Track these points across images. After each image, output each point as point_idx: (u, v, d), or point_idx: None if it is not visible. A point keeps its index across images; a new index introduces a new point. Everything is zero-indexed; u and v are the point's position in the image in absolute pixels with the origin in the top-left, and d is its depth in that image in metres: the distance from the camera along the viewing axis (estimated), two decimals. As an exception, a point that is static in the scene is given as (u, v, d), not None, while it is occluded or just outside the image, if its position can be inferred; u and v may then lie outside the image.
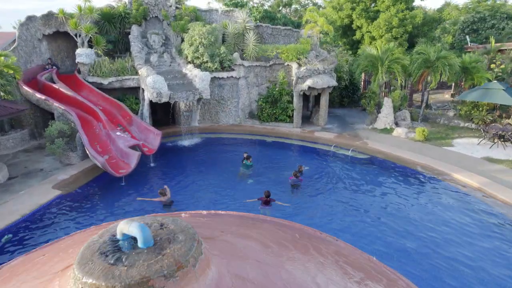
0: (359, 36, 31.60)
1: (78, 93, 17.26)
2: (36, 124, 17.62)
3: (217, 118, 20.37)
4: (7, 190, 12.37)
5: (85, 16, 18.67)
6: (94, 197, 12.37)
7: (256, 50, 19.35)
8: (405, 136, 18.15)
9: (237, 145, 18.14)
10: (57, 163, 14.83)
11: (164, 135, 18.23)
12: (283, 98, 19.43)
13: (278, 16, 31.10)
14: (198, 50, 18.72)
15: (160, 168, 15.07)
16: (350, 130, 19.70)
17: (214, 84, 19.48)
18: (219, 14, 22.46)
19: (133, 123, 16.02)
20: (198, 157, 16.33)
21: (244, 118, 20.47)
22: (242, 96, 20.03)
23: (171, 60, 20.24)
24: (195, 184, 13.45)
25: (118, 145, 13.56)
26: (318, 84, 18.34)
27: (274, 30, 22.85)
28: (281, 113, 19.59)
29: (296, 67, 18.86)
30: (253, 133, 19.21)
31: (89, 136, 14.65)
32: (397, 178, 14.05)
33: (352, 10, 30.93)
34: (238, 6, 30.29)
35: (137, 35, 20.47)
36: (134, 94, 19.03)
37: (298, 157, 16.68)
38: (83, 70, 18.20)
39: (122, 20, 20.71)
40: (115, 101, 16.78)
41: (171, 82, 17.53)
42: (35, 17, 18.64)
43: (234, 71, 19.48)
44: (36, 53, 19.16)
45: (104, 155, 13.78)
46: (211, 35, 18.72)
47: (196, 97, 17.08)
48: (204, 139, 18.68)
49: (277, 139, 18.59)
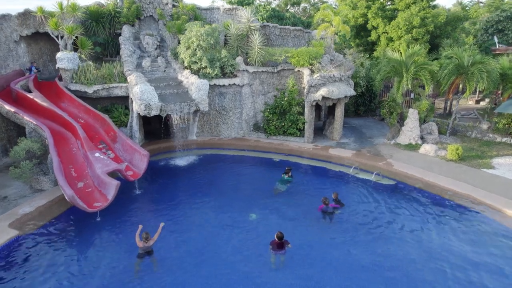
0: (375, 37, 28.99)
1: (58, 104, 14.97)
2: (9, 139, 15.35)
3: (218, 130, 17.96)
4: (-44, 227, 10.11)
5: (68, 15, 16.38)
6: (59, 240, 10.00)
7: (262, 54, 16.90)
8: (434, 154, 15.56)
9: (240, 165, 15.70)
10: (26, 189, 12.54)
11: (155, 151, 15.96)
12: (293, 109, 16.96)
13: (287, 16, 28.63)
14: (196, 54, 16.33)
15: (147, 197, 12.64)
16: (369, 145, 17.16)
17: (214, 93, 17.09)
18: (221, 12, 20.07)
19: (117, 140, 13.68)
20: (194, 181, 13.89)
21: (248, 130, 18.04)
22: (246, 106, 17.60)
23: (166, 65, 17.88)
24: (187, 220, 11.07)
25: (95, 170, 11.21)
26: (334, 94, 15.83)
27: (282, 31, 20.42)
28: (290, 126, 17.11)
29: (308, 73, 16.37)
30: (258, 149, 16.75)
31: (64, 157, 12.36)
32: (433, 213, 11.53)
33: (367, 8, 28.34)
34: (243, 4, 27.90)
35: (128, 37, 18.16)
36: (124, 103, 16.72)
37: (311, 182, 14.17)
38: (65, 77, 15.92)
39: (112, 19, 18.41)
40: (98, 114, 14.45)
41: (163, 92, 15.16)
42: (10, 15, 16.40)
43: (237, 78, 17.06)
44: (13, 57, 16.93)
45: (79, 182, 11.47)
46: (211, 37, 16.33)
47: (192, 109, 14.69)
48: (202, 157, 16.26)
49: (285, 157, 16.09)
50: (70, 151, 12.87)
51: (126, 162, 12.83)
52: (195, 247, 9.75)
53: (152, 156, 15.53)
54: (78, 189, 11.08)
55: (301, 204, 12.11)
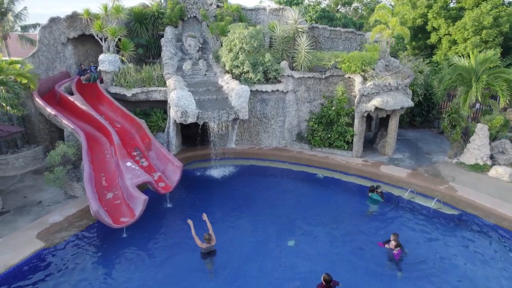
0: (435, 40, 26.31)
1: (97, 107, 14.75)
2: (51, 141, 15.41)
3: (258, 139, 16.85)
4: (-14, 234, 9.96)
5: (112, 17, 16.14)
6: (85, 254, 9.44)
7: (309, 58, 15.52)
8: (509, 178, 13.26)
9: (280, 179, 14.49)
10: (60, 194, 12.30)
11: (191, 159, 15.19)
12: (341, 119, 15.38)
13: (338, 16, 26.88)
14: (238, 58, 15.35)
15: (177, 212, 11.79)
16: (426, 163, 15.13)
17: (256, 99, 16.01)
18: (267, 13, 18.93)
19: (152, 148, 13.07)
20: (230, 196, 12.88)
21: (291, 140, 16.74)
22: (289, 114, 16.33)
23: (207, 68, 17.10)
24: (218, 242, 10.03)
25: (125, 181, 10.58)
26: (389, 105, 14.05)
27: (332, 33, 18.84)
28: (337, 138, 15.55)
29: (360, 81, 14.71)
30: (300, 162, 15.38)
31: (96, 164, 11.93)
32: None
33: (428, 8, 25.74)
34: (292, 4, 26.60)
35: (170, 38, 17.63)
36: (163, 107, 16.18)
37: (360, 205, 12.56)
38: (105, 79, 15.72)
39: (155, 21, 18.00)
40: (134, 119, 13.96)
41: (202, 97, 14.34)
42: (59, 18, 16.50)
43: (280, 84, 15.84)
44: (60, 59, 17.06)
45: (108, 192, 10.92)
46: (254, 39, 15.25)
47: (231, 117, 13.71)
48: (240, 168, 15.22)
49: (331, 173, 14.59)
50: (104, 157, 12.44)
51: (159, 172, 12.15)
52: (222, 277, 8.72)
53: (187, 164, 14.85)
54: (107, 201, 10.52)
55: (350, 233, 10.62)
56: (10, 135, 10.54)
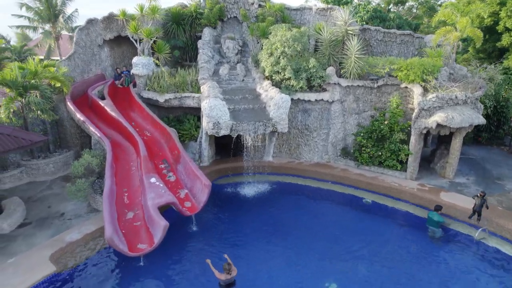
0: (507, 42, 22.97)
1: (128, 113, 14.02)
2: (82, 146, 14.92)
3: (298, 152, 15.25)
4: (3, 248, 9.34)
5: (148, 18, 15.33)
6: (95, 284, 8.44)
7: (360, 65, 13.65)
8: None
9: (321, 202, 12.82)
10: (83, 207, 11.57)
11: (223, 172, 13.98)
12: (395, 135, 13.36)
13: (391, 17, 24.43)
14: (279, 63, 13.87)
15: (204, 237, 10.49)
16: (498, 191, 12.71)
17: (297, 108, 14.43)
18: (313, 13, 17.24)
19: (180, 161, 11.98)
20: (263, 219, 11.43)
21: (335, 155, 14.96)
22: (334, 126, 14.57)
23: (245, 73, 15.80)
24: (246, 274, 8.61)
25: (147, 201, 9.52)
26: (454, 122, 11.86)
27: (386, 36, 16.77)
28: (389, 156, 13.56)
29: (420, 92, 12.60)
30: (345, 182, 13.58)
31: (120, 177, 11.04)
32: None
33: (501, 5, 22.51)
34: (340, 3, 24.60)
35: (208, 40, 16.55)
36: (197, 114, 15.11)
37: (417, 242, 10.52)
38: (138, 83, 14.96)
39: (193, 21, 17.01)
40: (164, 128, 12.98)
41: (237, 106, 13.04)
42: (96, 20, 16.03)
43: (326, 93, 14.13)
44: (95, 61, 16.61)
45: (129, 211, 9.93)
46: (298, 42, 13.69)
47: (268, 130, 12.28)
48: (276, 186, 13.74)
49: (380, 198, 12.67)
50: (129, 170, 11.54)
51: (186, 189, 11.00)
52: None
53: (218, 178, 13.66)
54: (126, 221, 9.52)
55: (407, 278, 8.77)
56: (32, 144, 9.91)
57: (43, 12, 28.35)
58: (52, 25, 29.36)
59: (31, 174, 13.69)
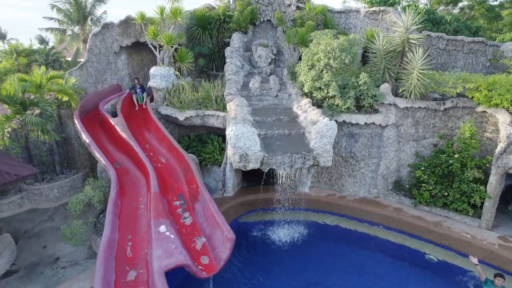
0: None
1: (142, 133, 12.08)
2: (92, 168, 13.17)
3: (340, 184, 12.72)
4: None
5: (169, 22, 13.31)
6: None
7: (423, 82, 10.95)
8: None
9: (368, 254, 10.26)
10: (83, 250, 9.73)
11: (250, 206, 11.76)
12: (467, 172, 10.55)
13: (447, 19, 21.21)
14: (322, 77, 11.42)
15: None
16: None
17: (342, 132, 11.93)
18: (361, 17, 14.63)
19: (199, 198, 9.80)
20: (297, 278, 9.07)
21: (385, 190, 12.33)
22: (386, 155, 11.93)
23: (280, 87, 13.47)
24: None
25: (152, 261, 7.39)
26: (558, 162, 8.94)
27: (450, 43, 13.92)
28: (458, 198, 10.77)
29: (509, 121, 9.74)
30: (399, 227, 10.94)
31: (125, 219, 8.99)
32: None
33: None
34: (387, 4, 21.72)
35: (237, 47, 14.34)
36: (222, 134, 12.94)
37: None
38: (156, 97, 12.98)
39: (220, 25, 14.86)
40: (182, 155, 10.84)
41: (270, 132, 10.70)
42: (112, 24, 14.22)
43: (378, 115, 11.52)
44: (111, 70, 14.82)
45: (131, 269, 7.82)
46: (346, 53, 11.17)
47: (308, 163, 9.86)
48: (313, 227, 11.31)
49: (447, 254, 9.93)
50: (137, 209, 9.48)
51: (204, 238, 8.81)
52: None
53: (244, 214, 11.44)
54: (125, 284, 7.41)
55: None
56: (16, 180, 8.10)
57: (73, 14, 27.72)
58: (81, 27, 28.77)
59: (33, 200, 12.08)
